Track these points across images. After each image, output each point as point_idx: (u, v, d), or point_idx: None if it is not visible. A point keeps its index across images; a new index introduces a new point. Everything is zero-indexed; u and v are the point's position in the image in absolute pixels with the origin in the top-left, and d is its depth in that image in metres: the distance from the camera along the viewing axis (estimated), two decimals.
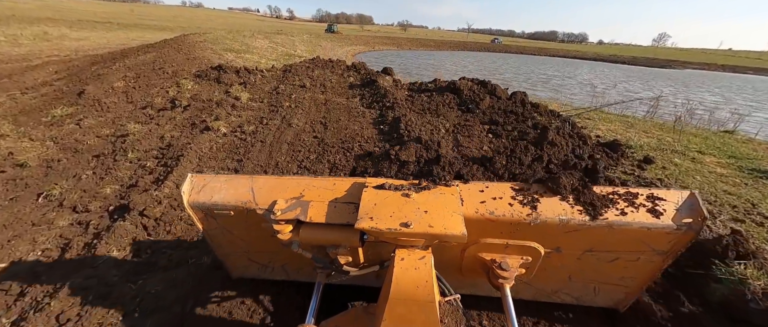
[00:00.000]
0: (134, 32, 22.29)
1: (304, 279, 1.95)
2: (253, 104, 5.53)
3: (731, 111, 11.64)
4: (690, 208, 1.33)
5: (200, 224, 1.61)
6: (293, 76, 7.31)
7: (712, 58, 72.43)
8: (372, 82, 6.41)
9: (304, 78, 7.17)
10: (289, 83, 6.71)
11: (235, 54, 10.26)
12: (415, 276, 1.11)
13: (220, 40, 13.18)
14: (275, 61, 10.42)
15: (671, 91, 19.57)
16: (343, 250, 1.35)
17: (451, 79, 6.47)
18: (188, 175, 1.57)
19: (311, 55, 15.09)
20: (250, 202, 1.46)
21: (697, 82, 27.22)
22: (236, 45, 12.62)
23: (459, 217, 1.21)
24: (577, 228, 1.36)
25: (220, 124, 4.54)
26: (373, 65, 22.76)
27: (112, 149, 4.07)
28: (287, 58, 12.03)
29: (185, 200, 1.51)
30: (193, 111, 5.17)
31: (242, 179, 1.55)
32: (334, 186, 1.46)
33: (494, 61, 37.06)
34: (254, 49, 12.74)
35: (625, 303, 1.72)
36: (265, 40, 17.22)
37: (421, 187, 1.38)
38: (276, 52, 13.25)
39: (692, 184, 3.16)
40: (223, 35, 15.68)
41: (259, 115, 5.06)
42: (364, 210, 1.25)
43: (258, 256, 1.85)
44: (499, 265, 1.45)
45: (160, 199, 2.91)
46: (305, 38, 26.87)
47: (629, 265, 1.52)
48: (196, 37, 12.64)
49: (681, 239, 1.36)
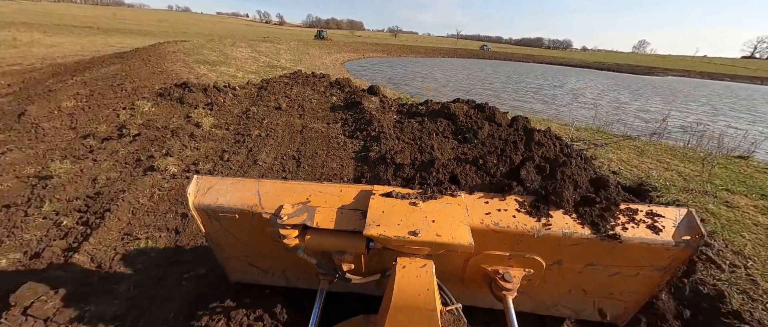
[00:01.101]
0: (114, 37, 21.15)
1: (304, 285, 1.94)
2: (216, 132, 4.77)
3: (728, 125, 11.47)
4: (688, 226, 1.35)
5: (203, 227, 1.60)
6: (269, 94, 6.57)
7: (690, 65, 74.93)
8: (356, 104, 5.72)
9: (281, 97, 6.43)
10: (263, 104, 5.97)
11: (208, 67, 9.44)
12: (416, 284, 1.12)
13: (195, 49, 12.31)
14: (254, 74, 9.64)
15: (663, 104, 19.60)
16: (347, 257, 1.36)
17: (442, 87, 5.91)
18: (194, 177, 1.57)
19: (296, 65, 14.35)
20: (256, 206, 1.45)
21: (684, 92, 27.59)
22: (213, 55, 11.76)
23: (466, 228, 1.23)
24: (579, 241, 1.37)
25: (170, 161, 3.76)
26: (362, 74, 22.39)
27: (28, 197, 3.25)
28: (269, 69, 11.25)
29: (191, 201, 1.50)
30: (142, 142, 4.38)
31: (249, 183, 1.55)
32: (340, 192, 1.47)
33: (483, 68, 37.05)
34: (233, 60, 11.91)
35: (624, 318, 1.73)
36: (247, 48, 16.36)
37: (427, 196, 1.40)
38: (257, 63, 12.44)
39: (746, 248, 2.56)
40: (201, 44, 14.78)
41: (220, 148, 4.30)
42: (371, 217, 1.26)
43: (259, 261, 1.85)
44: (502, 277, 1.46)
45: (59, 281, 2.13)
46: (292, 46, 26.05)
47: (629, 280, 1.53)
48: (168, 47, 11.75)
49: (679, 256, 1.37)
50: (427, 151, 3.79)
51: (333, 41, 49.67)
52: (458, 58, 54.31)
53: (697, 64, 79.58)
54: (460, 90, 18.95)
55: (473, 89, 19.07)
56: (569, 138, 5.50)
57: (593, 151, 4.97)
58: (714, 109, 18.11)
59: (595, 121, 8.43)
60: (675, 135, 7.34)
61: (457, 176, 2.24)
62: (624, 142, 5.82)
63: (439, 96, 14.11)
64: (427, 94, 13.88)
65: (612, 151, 5.04)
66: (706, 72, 62.50)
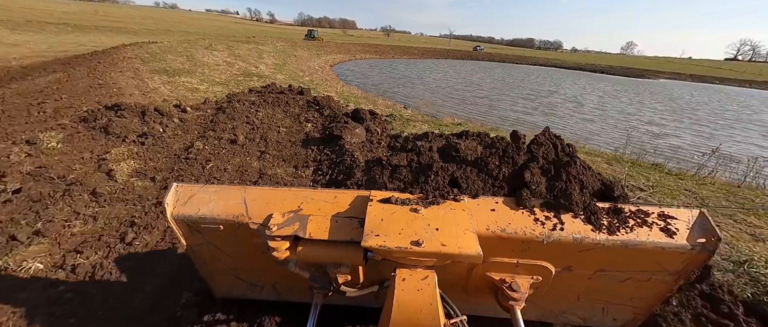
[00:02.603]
0: (89, 35, 19.33)
1: (297, 299, 1.83)
2: (135, 186, 3.42)
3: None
4: (702, 228, 1.30)
5: (184, 239, 1.48)
6: (227, 119, 5.21)
7: (679, 67, 75.77)
8: (336, 140, 4.41)
9: (241, 124, 5.08)
10: (216, 135, 4.62)
11: (165, 78, 7.97)
12: (418, 298, 1.05)
13: (158, 55, 10.77)
14: (222, 86, 8.22)
15: (671, 115, 18.79)
16: (343, 269, 1.28)
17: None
18: (173, 185, 1.43)
19: (278, 72, 12.94)
20: (242, 216, 1.35)
21: (685, 99, 26.97)
22: (177, 62, 10.25)
23: (472, 236, 1.17)
24: (590, 247, 1.31)
25: (36, 251, 2.42)
26: (353, 78, 21.01)
27: None
28: (241, 79, 9.81)
29: (168, 212, 1.38)
30: (17, 205, 3.00)
31: (233, 190, 1.44)
32: (335, 199, 1.39)
33: (476, 71, 36.08)
34: (201, 67, 10.42)
35: (634, 324, 1.67)
36: (223, 52, 14.82)
37: (429, 201, 1.34)
38: (230, 70, 10.96)
39: None
40: (168, 47, 13.19)
41: (129, 217, 2.95)
42: (370, 226, 1.18)
43: (247, 274, 1.73)
44: (510, 286, 1.40)
45: None
46: (278, 47, 24.43)
47: (640, 286, 1.47)
48: (125, 52, 10.18)
49: (694, 259, 1.32)
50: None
51: (324, 41, 48.09)
52: (452, 59, 53.38)
53: (685, 67, 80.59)
54: (455, 98, 17.81)
55: (468, 98, 17.92)
56: (620, 179, 4.35)
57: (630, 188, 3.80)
58: (728, 123, 17.29)
59: (623, 148, 7.29)
60: (725, 164, 6.27)
61: (457, 180, 1.86)
62: (650, 167, 4.68)
63: (437, 110, 12.90)
64: (425, 108, 12.66)
65: (668, 194, 3.87)
66: (697, 75, 63.12)
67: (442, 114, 12.73)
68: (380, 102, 12.57)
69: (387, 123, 6.63)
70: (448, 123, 8.87)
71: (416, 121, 7.60)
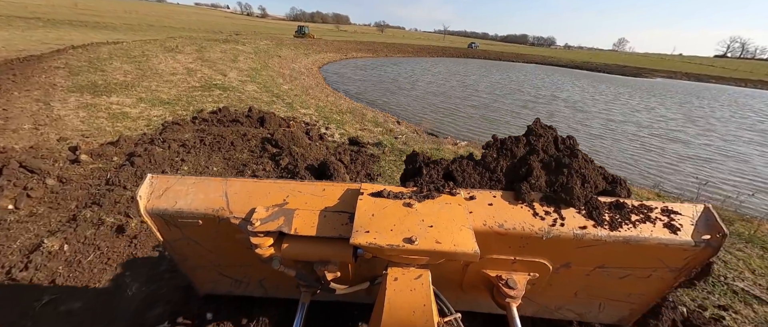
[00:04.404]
0: (59, 31, 17.35)
1: (285, 296, 1.80)
2: None
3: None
4: (707, 224, 1.28)
5: (160, 234, 1.40)
6: (134, 177, 3.53)
7: (673, 65, 75.41)
8: None
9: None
10: (97, 215, 2.94)
11: (86, 98, 6.15)
12: (410, 299, 1.01)
13: (99, 61, 8.84)
14: (165, 107, 6.47)
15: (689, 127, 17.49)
16: (332, 267, 1.23)
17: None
18: (148, 176, 1.36)
19: (251, 80, 11.17)
20: (223, 210, 1.29)
21: (695, 103, 25.81)
22: (120, 72, 8.37)
23: (469, 232, 1.12)
24: (591, 243, 1.28)
25: None
26: (342, 83, 19.16)
27: None
28: (199, 94, 8.02)
29: (142, 206, 1.31)
30: None
31: (214, 182, 1.36)
32: (323, 192, 1.34)
33: (472, 71, 34.56)
34: (151, 77, 8.58)
35: (630, 320, 1.68)
36: (191, 54, 12.86)
37: (423, 195, 1.29)
38: (189, 80, 9.09)
39: None
40: (122, 50, 11.24)
41: None
42: (359, 222, 1.12)
43: (231, 270, 1.67)
44: (506, 283, 1.38)
45: None
46: (261, 47, 22.35)
47: (639, 282, 1.46)
48: (53, 60, 8.24)
49: (698, 256, 1.31)
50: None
51: (315, 38, 45.95)
52: (447, 58, 51.73)
53: (678, 65, 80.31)
54: (450, 108, 16.27)
55: (465, 111, 16.37)
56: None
57: None
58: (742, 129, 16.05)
59: (659, 182, 5.78)
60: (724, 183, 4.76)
61: (452, 173, 1.63)
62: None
63: (434, 127, 11.30)
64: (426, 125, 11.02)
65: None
66: (692, 73, 62.72)
67: (439, 130, 11.18)
68: (369, 115, 10.92)
69: (371, 163, 5.03)
70: (448, 149, 7.33)
71: (412, 149, 6.01)
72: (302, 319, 1.34)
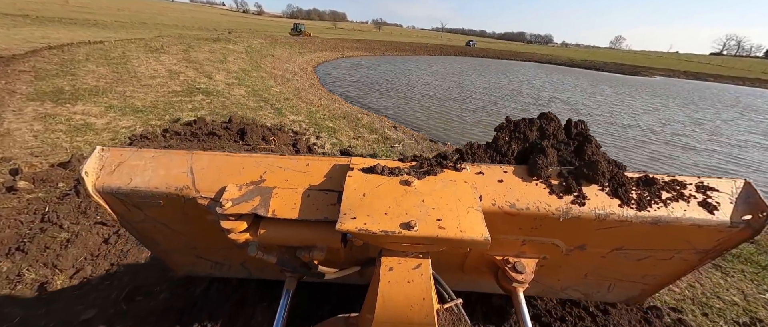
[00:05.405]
0: (47, 29, 16.51)
1: (271, 277, 1.67)
2: None
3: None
4: (747, 201, 1.12)
5: (116, 216, 1.22)
6: (77, 212, 2.93)
7: (671, 64, 75.35)
8: None
9: (93, 226, 2.80)
10: (18, 266, 2.35)
11: (46, 107, 5.46)
12: (408, 292, 0.88)
13: (72, 63, 8.09)
14: (137, 116, 5.84)
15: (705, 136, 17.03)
16: (318, 253, 1.07)
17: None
18: (96, 148, 1.17)
19: (239, 83, 10.51)
20: (187, 188, 1.11)
21: (709, 112, 25.42)
22: (93, 75, 7.64)
23: (478, 215, 0.96)
24: (615, 224, 1.13)
25: None
26: (337, 84, 18.47)
27: None
28: (178, 100, 7.38)
29: (89, 184, 1.09)
30: None
31: (177, 156, 1.18)
32: (307, 168, 1.17)
33: (469, 71, 33.98)
34: (128, 81, 7.89)
35: (639, 300, 1.59)
36: (177, 55, 12.15)
37: (424, 171, 1.12)
38: (169, 84, 8.41)
39: None
40: (100, 51, 10.49)
41: None
42: (348, 203, 0.96)
43: (209, 253, 1.51)
44: (513, 267, 1.26)
45: None
46: (253, 46, 21.59)
47: (659, 264, 1.33)
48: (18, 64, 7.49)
49: (734, 238, 1.16)
50: None
51: (311, 36, 45.13)
52: (445, 56, 51.08)
53: (675, 63, 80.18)
54: (448, 111, 15.74)
55: (463, 116, 15.84)
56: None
57: None
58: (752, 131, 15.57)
59: None
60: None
61: (463, 155, 1.48)
62: None
63: (431, 134, 10.72)
64: (415, 121, 10.45)
65: None
66: (690, 71, 62.57)
67: (439, 135, 10.62)
68: (365, 120, 10.33)
69: None
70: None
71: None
72: (287, 306, 1.23)
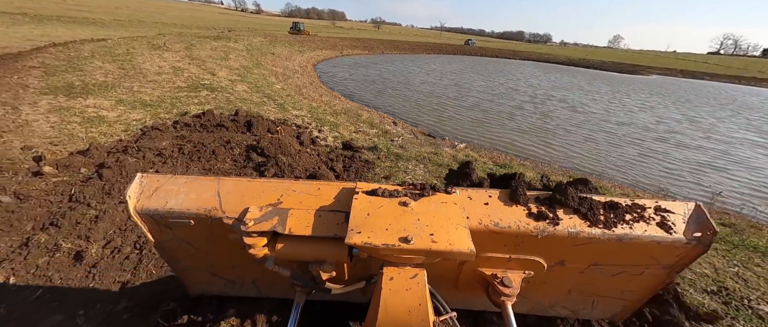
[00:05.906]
0: (46, 28, 16.58)
1: (279, 296, 1.81)
2: None
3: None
4: (698, 222, 1.31)
5: (150, 235, 1.38)
6: (102, 192, 3.17)
7: (668, 63, 75.69)
8: None
9: (118, 205, 3.05)
10: (53, 239, 2.60)
11: (60, 101, 5.71)
12: (406, 299, 1.01)
13: (79, 60, 8.36)
14: (146, 110, 6.09)
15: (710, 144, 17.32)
16: (327, 267, 1.23)
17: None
18: (137, 175, 1.34)
19: (242, 80, 10.75)
20: (215, 210, 1.27)
21: (708, 113, 25.71)
22: (101, 72, 7.91)
23: (465, 232, 1.12)
24: (585, 241, 1.30)
25: None
26: (337, 82, 18.71)
27: None
28: (185, 95, 7.62)
29: (131, 206, 1.28)
30: None
31: (206, 181, 1.35)
32: (318, 192, 1.34)
33: (467, 69, 34.20)
34: (135, 77, 8.13)
35: (623, 316, 1.72)
36: (179, 52, 12.38)
37: (419, 194, 1.28)
38: (175, 80, 8.67)
39: None
40: (106, 48, 10.73)
41: None
42: (355, 221, 1.12)
43: (224, 271, 1.66)
44: (501, 281, 1.39)
45: None
46: (253, 44, 21.80)
47: (632, 279, 1.49)
48: (28, 60, 7.74)
49: (690, 253, 1.33)
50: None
51: (310, 35, 45.21)
52: (444, 55, 51.31)
53: (672, 62, 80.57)
54: (445, 111, 15.98)
55: (459, 115, 16.08)
56: None
57: None
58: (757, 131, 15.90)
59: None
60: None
61: None
62: None
63: (429, 129, 10.98)
64: (412, 117, 10.70)
65: None
66: (687, 71, 62.87)
67: (436, 130, 10.87)
68: (365, 116, 10.58)
69: (366, 169, 4.72)
70: (446, 152, 7.03)
71: (409, 158, 5.71)
72: (297, 320, 1.33)
